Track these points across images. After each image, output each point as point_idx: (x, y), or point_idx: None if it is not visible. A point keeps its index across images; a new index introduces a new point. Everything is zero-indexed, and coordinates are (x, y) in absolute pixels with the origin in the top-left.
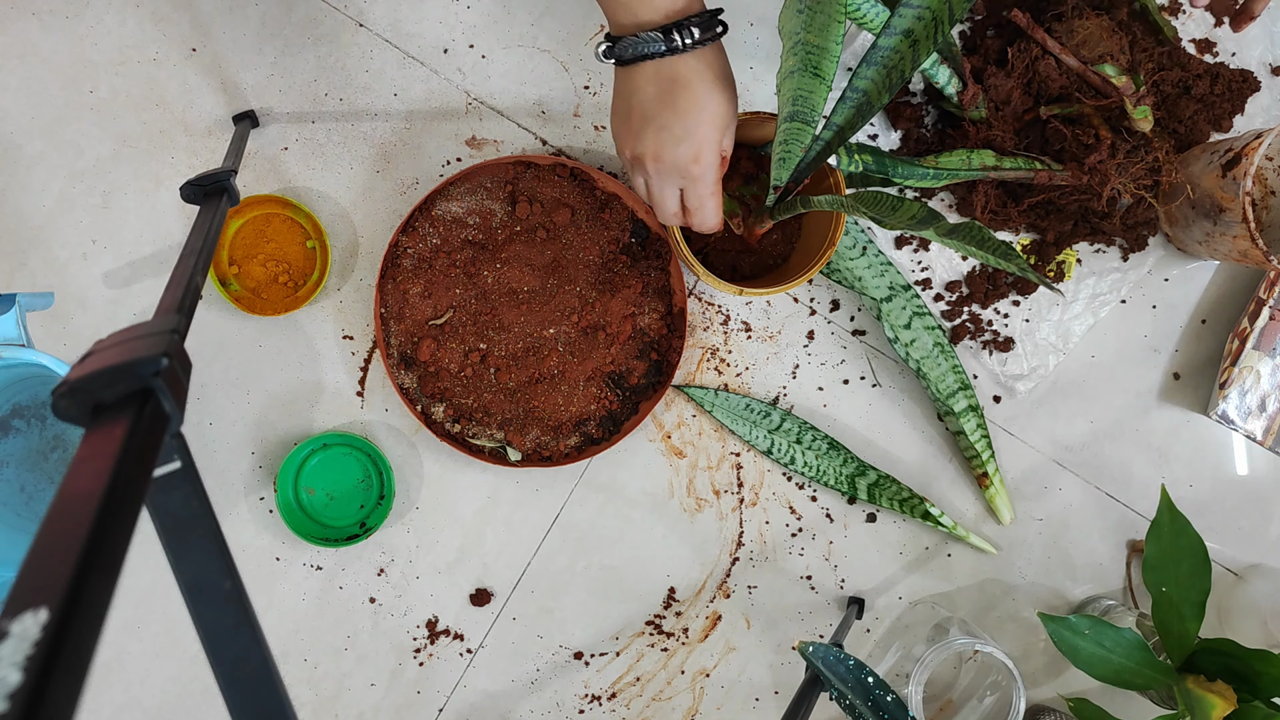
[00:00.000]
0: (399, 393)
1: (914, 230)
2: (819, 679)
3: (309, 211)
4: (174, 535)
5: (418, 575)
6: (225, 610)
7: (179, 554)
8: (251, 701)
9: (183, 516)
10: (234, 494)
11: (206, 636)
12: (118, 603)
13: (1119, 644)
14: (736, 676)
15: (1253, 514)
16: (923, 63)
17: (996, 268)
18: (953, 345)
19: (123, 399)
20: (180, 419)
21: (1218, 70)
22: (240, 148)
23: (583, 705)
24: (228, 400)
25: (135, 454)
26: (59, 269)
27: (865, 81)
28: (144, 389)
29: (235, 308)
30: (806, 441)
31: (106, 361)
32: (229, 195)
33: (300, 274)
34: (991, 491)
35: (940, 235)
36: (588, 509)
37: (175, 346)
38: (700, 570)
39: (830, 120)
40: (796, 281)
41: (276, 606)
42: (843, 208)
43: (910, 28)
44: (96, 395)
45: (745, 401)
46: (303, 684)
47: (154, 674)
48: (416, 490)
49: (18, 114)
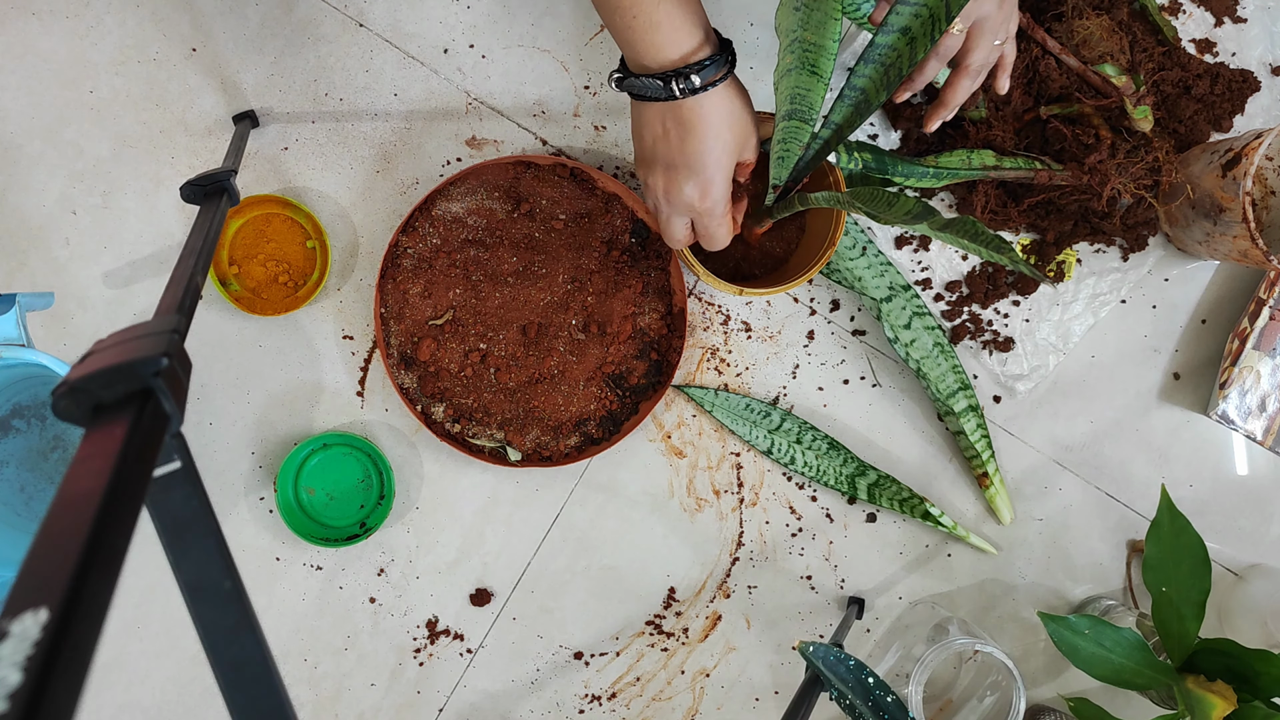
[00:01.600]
0: (399, 393)
1: (910, 225)
2: (819, 679)
3: (309, 211)
4: (174, 535)
5: (418, 575)
6: (226, 610)
7: (179, 554)
8: (252, 701)
9: (183, 516)
10: (234, 494)
11: (207, 637)
12: (118, 603)
13: (1119, 644)
14: (736, 676)
15: (1253, 514)
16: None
17: (995, 265)
18: (953, 345)
19: (123, 399)
20: (180, 419)
21: (1218, 70)
22: (240, 148)
23: (583, 705)
24: (228, 400)
25: (135, 454)
26: (59, 269)
27: (864, 79)
28: (144, 389)
29: (235, 308)
30: (806, 441)
31: (106, 361)
32: (229, 195)
33: (300, 274)
34: (992, 491)
35: (935, 229)
36: (588, 509)
37: (175, 346)
38: (700, 570)
39: (829, 119)
40: (797, 281)
41: (276, 606)
42: (840, 204)
43: (908, 25)
44: (96, 395)
45: (745, 401)
46: (303, 684)
47: (154, 674)
48: (416, 490)
49: (18, 114)
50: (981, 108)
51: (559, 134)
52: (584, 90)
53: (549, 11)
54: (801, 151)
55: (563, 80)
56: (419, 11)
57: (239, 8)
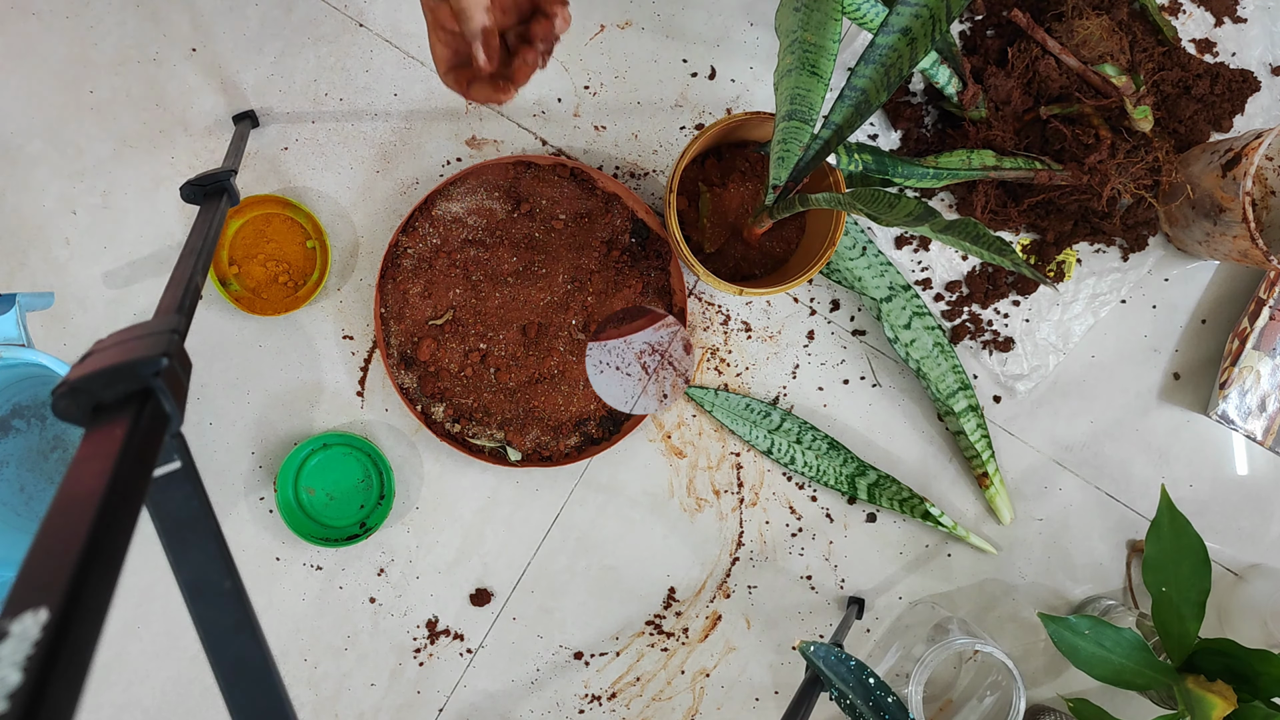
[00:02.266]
0: (399, 393)
1: (910, 226)
2: (819, 679)
3: (309, 211)
4: (174, 535)
5: (418, 575)
6: (225, 610)
7: (179, 554)
8: (251, 701)
9: (183, 517)
10: (234, 494)
11: (206, 636)
12: (118, 603)
13: (1119, 644)
14: (737, 676)
15: (1253, 514)
16: (921, 61)
17: (995, 265)
18: (952, 345)
19: (123, 399)
20: (180, 419)
21: (1218, 70)
22: (240, 148)
23: (583, 705)
24: (228, 400)
25: (135, 454)
26: (59, 269)
27: (864, 80)
28: (144, 389)
29: (235, 307)
30: (806, 441)
31: (106, 361)
32: (229, 195)
33: (300, 274)
34: (992, 491)
35: (936, 231)
36: (588, 509)
37: (175, 346)
38: (700, 570)
39: (829, 119)
40: (796, 281)
41: (276, 606)
42: (840, 205)
43: (909, 25)
44: (96, 395)
45: (745, 401)
46: (302, 684)
47: (154, 674)
48: (416, 490)
49: (18, 114)
50: (981, 107)
51: (559, 134)
52: (584, 90)
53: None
54: (801, 152)
55: (563, 80)
56: (419, 11)
57: (239, 7)
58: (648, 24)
